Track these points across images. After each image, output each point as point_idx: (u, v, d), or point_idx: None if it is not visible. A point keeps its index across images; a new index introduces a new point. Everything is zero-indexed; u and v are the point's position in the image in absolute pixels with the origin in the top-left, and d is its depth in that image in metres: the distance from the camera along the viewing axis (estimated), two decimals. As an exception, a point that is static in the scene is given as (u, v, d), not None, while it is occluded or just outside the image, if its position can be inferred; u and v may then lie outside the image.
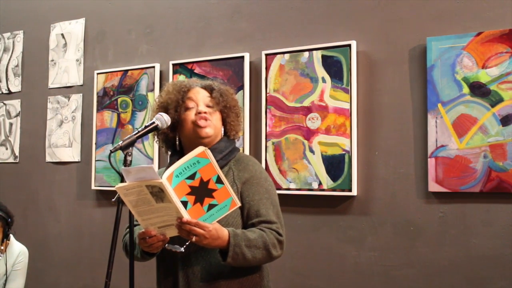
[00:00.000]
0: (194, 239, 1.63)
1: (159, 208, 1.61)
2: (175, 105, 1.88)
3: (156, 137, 1.98)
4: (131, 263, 1.84)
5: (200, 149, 1.63)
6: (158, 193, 1.57)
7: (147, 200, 1.60)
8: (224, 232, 1.69)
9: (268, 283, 1.89)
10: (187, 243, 1.69)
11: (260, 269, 1.87)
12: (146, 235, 1.69)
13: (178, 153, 1.90)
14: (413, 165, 2.63)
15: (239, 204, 1.68)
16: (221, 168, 1.83)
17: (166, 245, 1.74)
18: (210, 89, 1.91)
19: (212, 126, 1.86)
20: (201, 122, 1.84)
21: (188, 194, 1.61)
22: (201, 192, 1.62)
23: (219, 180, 1.63)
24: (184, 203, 1.61)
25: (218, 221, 1.71)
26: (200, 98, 1.89)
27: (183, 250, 1.70)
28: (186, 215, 1.60)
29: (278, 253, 1.78)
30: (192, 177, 1.61)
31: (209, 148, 1.83)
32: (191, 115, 1.87)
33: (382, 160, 2.71)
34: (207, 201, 1.63)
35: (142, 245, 1.73)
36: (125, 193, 1.62)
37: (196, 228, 1.61)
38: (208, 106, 1.88)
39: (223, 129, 1.93)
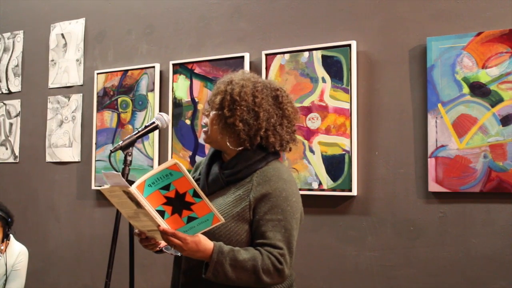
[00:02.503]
0: (173, 248, 1.60)
1: (142, 213, 1.58)
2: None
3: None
4: (131, 263, 1.85)
5: (171, 161, 1.54)
6: (135, 199, 1.55)
7: (128, 204, 1.58)
8: (208, 246, 1.60)
9: None
10: None
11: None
12: (139, 237, 1.69)
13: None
14: (413, 165, 2.63)
15: (222, 220, 1.58)
16: (243, 178, 1.74)
17: (164, 248, 1.74)
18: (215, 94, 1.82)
19: (208, 134, 1.80)
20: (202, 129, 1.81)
21: (165, 204, 1.56)
22: (177, 203, 1.56)
23: (196, 194, 1.55)
24: (161, 212, 1.56)
25: (219, 234, 1.67)
26: (211, 103, 1.82)
27: (180, 255, 1.67)
28: (162, 224, 1.56)
29: (272, 281, 1.64)
30: (166, 188, 1.55)
31: (236, 155, 1.77)
32: None
33: (382, 160, 2.71)
34: (186, 213, 1.57)
35: (140, 244, 1.73)
36: (109, 195, 1.61)
37: (173, 238, 1.56)
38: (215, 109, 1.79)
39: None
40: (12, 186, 4.08)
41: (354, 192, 2.73)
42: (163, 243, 1.75)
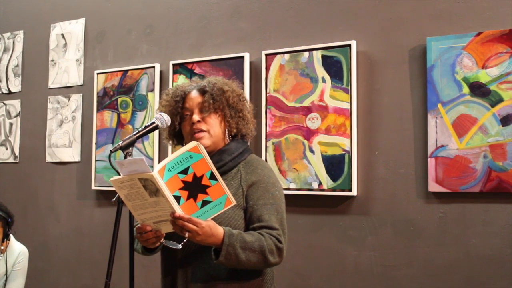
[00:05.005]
0: (187, 235, 1.62)
1: (153, 203, 1.60)
2: (174, 114, 1.88)
3: (167, 136, 1.98)
4: (131, 263, 1.84)
5: (192, 143, 1.62)
6: (151, 186, 1.56)
7: (140, 194, 1.59)
8: (219, 230, 1.66)
9: None
10: (184, 240, 1.66)
11: (263, 273, 1.83)
12: (142, 230, 1.69)
13: None
14: (413, 165, 2.63)
15: (234, 202, 1.65)
16: (230, 170, 1.84)
17: (164, 241, 1.74)
18: (203, 92, 1.86)
19: (208, 135, 1.83)
20: (196, 135, 1.82)
21: (181, 189, 1.60)
22: (194, 187, 1.61)
23: (212, 176, 1.61)
24: (177, 198, 1.60)
25: (219, 221, 1.71)
26: (194, 104, 1.85)
27: (180, 247, 1.69)
28: (178, 210, 1.59)
29: (275, 260, 1.74)
30: (185, 171, 1.60)
31: (219, 150, 1.85)
32: (187, 127, 1.86)
33: (382, 160, 2.71)
34: (201, 197, 1.62)
35: (139, 240, 1.74)
36: (119, 186, 1.61)
37: (189, 223, 1.60)
38: (202, 111, 1.84)
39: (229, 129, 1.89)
40: (12, 186, 4.08)
41: (354, 192, 2.73)
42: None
